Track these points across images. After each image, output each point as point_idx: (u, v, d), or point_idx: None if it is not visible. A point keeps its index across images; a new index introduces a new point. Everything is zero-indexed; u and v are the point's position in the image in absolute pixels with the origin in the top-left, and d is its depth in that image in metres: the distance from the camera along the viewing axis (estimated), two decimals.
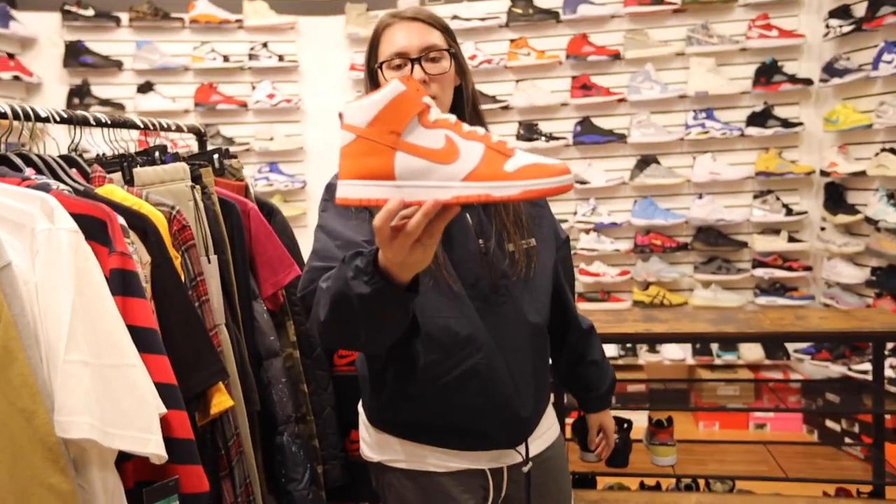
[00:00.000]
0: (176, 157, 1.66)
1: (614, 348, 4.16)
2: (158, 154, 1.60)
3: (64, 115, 1.36)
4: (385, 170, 0.92)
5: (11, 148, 1.32)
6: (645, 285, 4.20)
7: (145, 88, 4.21)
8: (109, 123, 1.52)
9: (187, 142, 3.77)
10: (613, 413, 1.98)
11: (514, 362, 1.39)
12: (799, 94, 4.01)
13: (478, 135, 0.95)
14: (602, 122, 4.19)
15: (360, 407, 1.56)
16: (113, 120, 1.54)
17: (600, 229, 4.20)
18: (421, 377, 1.36)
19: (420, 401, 1.38)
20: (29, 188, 1.09)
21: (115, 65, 4.20)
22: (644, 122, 4.10)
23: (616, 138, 4.14)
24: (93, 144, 1.61)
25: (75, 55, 4.11)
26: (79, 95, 4.12)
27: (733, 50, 4.01)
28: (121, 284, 1.10)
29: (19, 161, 1.25)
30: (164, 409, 1.09)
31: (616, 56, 4.11)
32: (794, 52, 3.99)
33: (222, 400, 1.34)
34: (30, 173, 1.22)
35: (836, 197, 3.84)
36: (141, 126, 1.62)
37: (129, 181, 1.44)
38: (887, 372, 2.90)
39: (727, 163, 4.07)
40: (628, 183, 4.19)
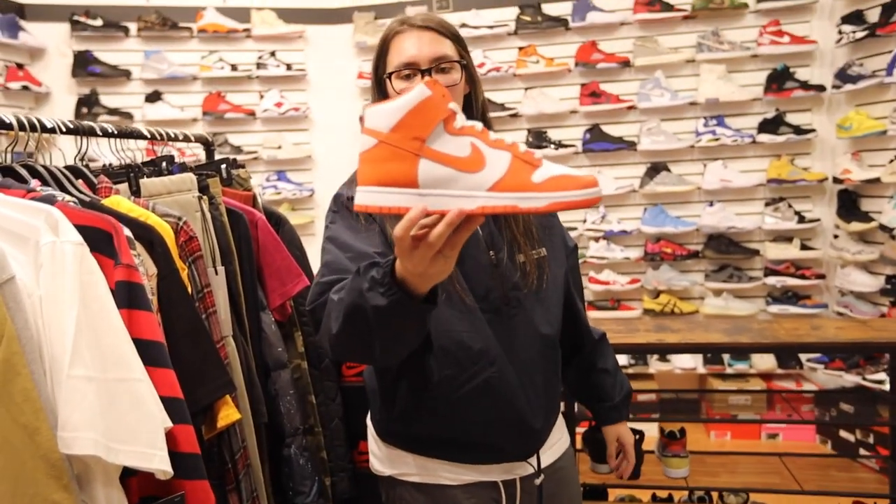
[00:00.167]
0: (183, 168, 1.65)
1: (625, 357, 4.12)
2: (165, 164, 1.58)
3: (70, 126, 1.35)
4: (408, 177, 0.89)
5: (19, 159, 1.31)
6: (655, 293, 4.16)
7: (153, 98, 4.21)
8: (116, 134, 1.50)
9: (195, 151, 3.77)
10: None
11: (526, 375, 1.38)
12: (811, 101, 3.97)
13: (505, 143, 0.92)
14: (611, 130, 4.17)
15: (369, 420, 1.54)
16: (120, 130, 1.52)
17: (610, 237, 4.17)
18: (434, 391, 1.34)
19: (432, 415, 1.37)
20: (34, 200, 1.07)
21: (124, 74, 4.20)
22: (654, 130, 4.07)
23: (626, 146, 4.12)
24: (100, 154, 1.60)
25: (84, 65, 4.12)
26: (87, 105, 4.13)
27: (744, 56, 3.98)
28: (126, 297, 1.08)
29: (25, 172, 1.23)
30: (170, 424, 1.07)
31: (625, 63, 4.09)
32: (807, 59, 3.95)
33: (229, 413, 1.32)
34: (35, 185, 1.21)
35: (850, 204, 3.80)
36: (148, 136, 1.61)
37: (136, 192, 1.42)
38: None
39: (738, 170, 4.04)
40: (638, 190, 4.16)
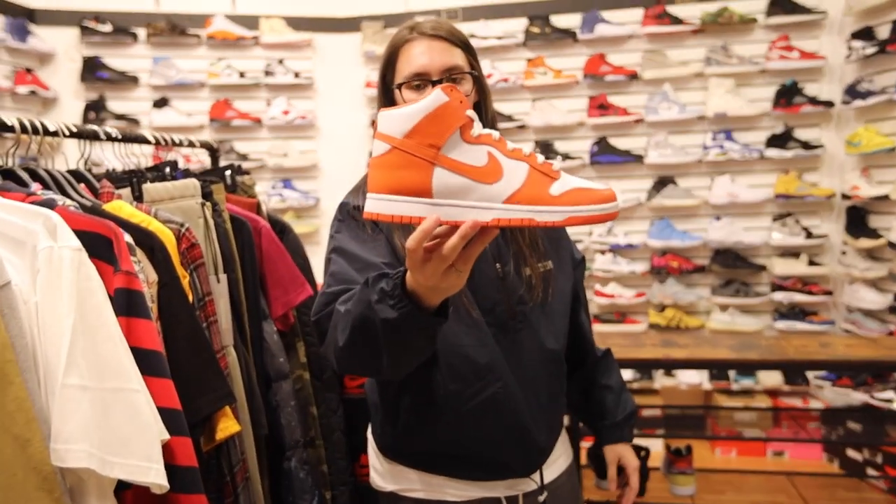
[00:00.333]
0: (187, 174, 1.63)
1: (630, 372, 4.08)
2: (169, 170, 1.57)
3: (73, 130, 1.33)
4: (422, 186, 0.85)
5: (24, 162, 1.29)
6: (661, 307, 4.13)
7: (161, 104, 4.21)
8: (120, 138, 1.49)
9: (201, 157, 3.76)
10: None
11: (531, 390, 1.35)
12: (820, 117, 3.95)
13: (522, 154, 0.88)
14: (619, 143, 4.15)
15: (370, 434, 1.51)
16: (124, 134, 1.51)
17: (616, 250, 4.15)
18: (438, 406, 1.31)
19: (436, 430, 1.34)
20: (33, 204, 1.05)
21: (132, 80, 4.20)
22: (661, 143, 4.05)
23: (633, 159, 4.09)
24: (107, 159, 1.58)
25: (92, 70, 4.12)
26: (95, 110, 4.12)
27: (753, 71, 3.96)
28: (125, 305, 1.06)
29: (26, 176, 1.22)
30: (167, 436, 1.04)
31: (634, 76, 4.07)
32: (816, 74, 3.93)
33: (229, 425, 1.30)
34: (36, 188, 1.19)
35: (858, 221, 3.76)
36: (151, 141, 1.59)
37: (139, 197, 1.40)
38: None
39: (746, 184, 4.01)
40: (645, 204, 4.13)
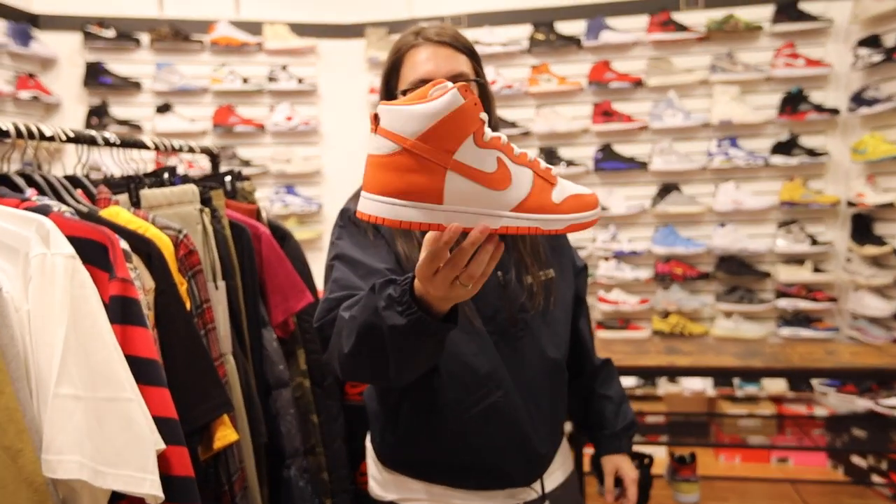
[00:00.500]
0: (185, 179, 1.62)
1: (633, 379, 4.05)
2: (167, 175, 1.55)
3: (71, 135, 1.32)
4: (433, 191, 0.80)
5: (26, 168, 1.28)
6: (665, 314, 4.10)
7: (164, 109, 4.20)
8: (118, 143, 1.47)
9: (204, 163, 3.75)
10: (634, 447, 1.87)
11: (532, 399, 1.34)
12: (825, 124, 3.92)
13: (527, 159, 0.85)
14: (623, 149, 4.13)
15: (368, 442, 1.50)
16: (122, 140, 1.49)
17: (620, 257, 4.13)
18: (439, 415, 1.30)
19: (436, 439, 1.32)
20: (27, 210, 1.04)
21: (135, 86, 4.19)
22: (666, 150, 4.03)
23: (637, 165, 4.08)
24: (108, 164, 1.57)
25: (95, 75, 4.12)
26: (97, 115, 4.12)
27: (758, 78, 3.94)
28: (120, 312, 1.04)
29: (21, 181, 1.20)
30: (163, 445, 1.03)
31: (638, 83, 4.05)
32: (821, 82, 3.91)
33: (226, 434, 1.28)
34: (31, 194, 1.18)
35: (864, 228, 3.74)
36: (150, 146, 1.57)
37: (136, 203, 1.39)
38: None
39: (751, 191, 3.99)
40: (649, 210, 4.12)
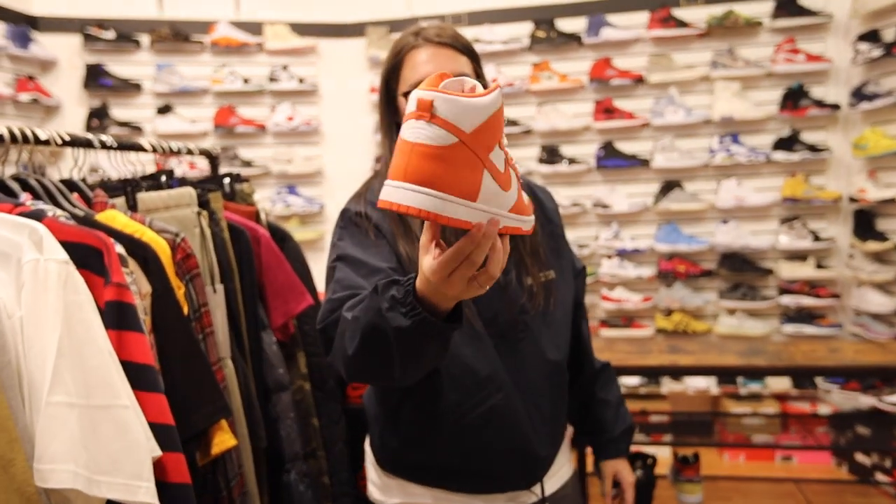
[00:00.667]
0: (183, 182, 1.61)
1: (637, 377, 4.04)
2: (165, 178, 1.54)
3: (66, 138, 1.31)
4: (474, 189, 0.76)
5: (25, 172, 1.27)
6: (668, 312, 4.09)
7: (165, 110, 4.20)
8: (115, 146, 1.46)
9: (205, 164, 3.74)
10: (637, 448, 1.88)
11: (532, 401, 1.33)
12: (826, 119, 3.91)
13: (511, 159, 0.84)
14: (625, 147, 4.12)
15: (367, 446, 1.49)
16: (119, 143, 1.48)
17: (623, 255, 4.11)
18: (439, 418, 1.29)
19: (436, 442, 1.32)
20: (21, 215, 1.03)
21: (135, 87, 4.19)
22: (668, 147, 4.02)
23: (639, 163, 4.06)
24: (109, 166, 1.56)
25: (95, 77, 4.11)
26: (98, 117, 4.11)
27: (759, 74, 3.92)
28: (116, 318, 1.03)
29: (16, 186, 1.20)
30: (159, 452, 1.02)
31: (639, 80, 4.04)
32: (822, 77, 3.90)
33: (224, 439, 1.27)
34: (26, 199, 1.17)
35: (866, 224, 3.72)
36: (147, 149, 1.56)
37: (133, 207, 1.38)
38: None
39: (753, 188, 3.97)
40: (651, 208, 4.10)
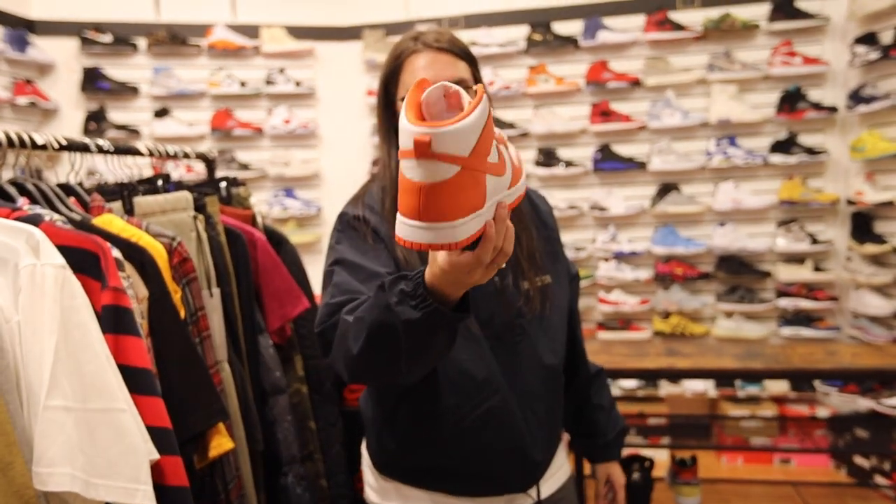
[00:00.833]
0: (179, 186, 1.61)
1: (634, 380, 4.04)
2: (161, 182, 1.54)
3: (63, 143, 1.31)
4: (481, 198, 0.80)
5: (24, 176, 1.27)
6: (665, 315, 4.09)
7: (162, 114, 4.20)
8: (111, 150, 1.46)
9: (201, 167, 3.73)
10: (635, 451, 1.88)
11: (528, 405, 1.34)
12: (823, 122, 3.92)
13: (503, 139, 0.87)
14: (622, 149, 4.12)
15: (364, 449, 1.49)
16: (116, 147, 1.49)
17: (620, 257, 4.12)
18: (436, 421, 1.29)
19: (433, 445, 1.32)
20: (18, 219, 1.03)
21: (132, 90, 4.19)
22: (665, 150, 4.02)
23: (636, 165, 4.07)
24: (106, 170, 1.56)
25: (92, 80, 4.12)
26: (95, 120, 4.11)
27: (756, 77, 3.93)
28: (113, 322, 1.04)
29: (13, 191, 1.20)
30: (157, 455, 1.02)
31: (636, 83, 4.05)
32: (819, 80, 3.91)
33: (222, 442, 1.27)
34: (23, 203, 1.17)
35: (864, 226, 3.73)
36: (144, 153, 1.57)
37: (130, 211, 1.38)
38: None
39: (750, 190, 3.98)
40: (648, 211, 4.11)
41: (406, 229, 0.78)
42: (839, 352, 2.57)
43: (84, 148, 1.38)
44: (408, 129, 0.74)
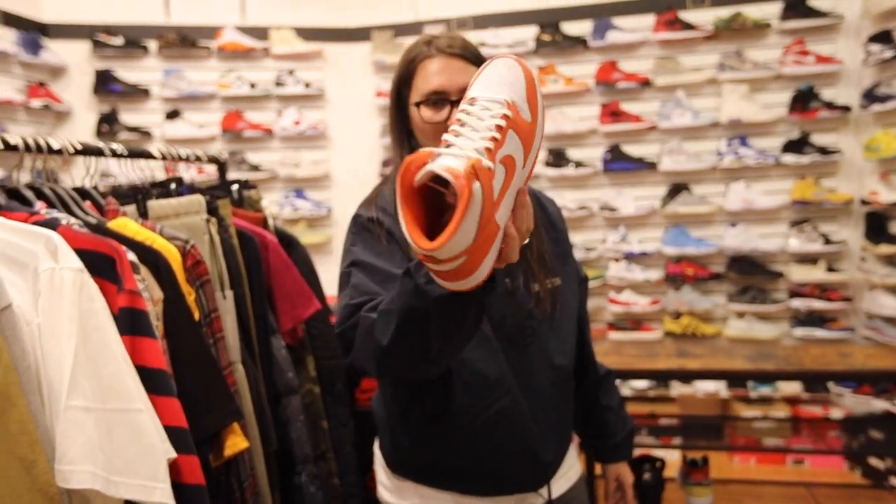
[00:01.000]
0: (192, 189, 1.62)
1: (645, 380, 4.04)
2: (174, 185, 1.56)
3: (78, 147, 1.32)
4: (495, 235, 0.89)
5: (39, 179, 1.29)
6: (676, 315, 4.08)
7: (173, 115, 4.23)
8: (125, 154, 1.48)
9: (213, 169, 3.75)
10: (646, 451, 1.89)
11: (539, 406, 1.34)
12: (837, 121, 3.90)
13: (498, 141, 0.93)
14: (632, 150, 4.12)
15: (377, 449, 1.50)
16: (129, 151, 1.50)
17: (631, 258, 4.11)
18: (448, 421, 1.31)
19: (444, 445, 1.33)
20: (37, 223, 1.05)
21: (143, 92, 4.22)
22: (675, 150, 4.01)
23: (646, 166, 4.06)
24: (119, 172, 1.58)
25: (104, 83, 4.15)
26: (108, 122, 4.15)
27: (768, 76, 3.91)
28: (129, 324, 1.05)
29: (31, 195, 1.21)
30: (174, 454, 1.04)
31: (646, 83, 4.04)
32: (832, 79, 3.89)
33: (237, 441, 1.29)
34: (40, 207, 1.19)
35: (878, 226, 3.71)
36: (157, 156, 1.58)
37: (144, 214, 1.40)
38: None
39: (762, 191, 3.97)
40: (659, 211, 4.10)
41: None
42: (853, 353, 2.55)
43: (98, 152, 1.39)
44: (414, 248, 0.82)
